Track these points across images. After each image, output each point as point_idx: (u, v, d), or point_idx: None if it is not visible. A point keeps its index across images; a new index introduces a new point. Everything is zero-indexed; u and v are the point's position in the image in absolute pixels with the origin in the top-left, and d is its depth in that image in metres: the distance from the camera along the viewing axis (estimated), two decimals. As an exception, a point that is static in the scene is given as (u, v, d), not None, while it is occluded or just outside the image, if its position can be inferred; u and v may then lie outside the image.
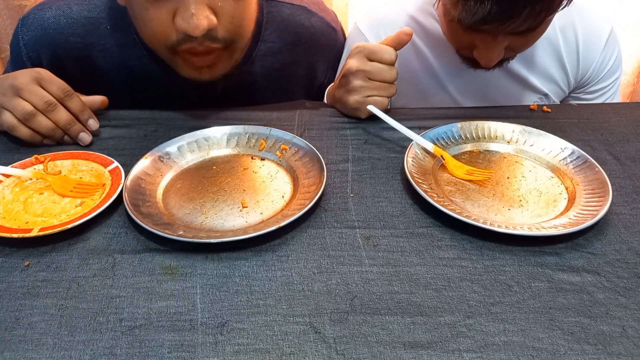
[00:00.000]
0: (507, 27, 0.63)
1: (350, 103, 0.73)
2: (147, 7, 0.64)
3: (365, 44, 0.72)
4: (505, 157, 0.67)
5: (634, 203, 0.58)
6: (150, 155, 0.63)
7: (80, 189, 0.59)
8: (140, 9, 0.65)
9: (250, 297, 0.46)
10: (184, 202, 0.58)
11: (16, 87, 0.65)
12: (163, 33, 0.66)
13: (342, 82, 0.75)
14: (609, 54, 0.87)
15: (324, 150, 0.67)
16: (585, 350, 0.42)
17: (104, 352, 0.41)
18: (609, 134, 0.72)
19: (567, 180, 0.61)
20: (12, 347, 0.42)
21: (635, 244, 0.53)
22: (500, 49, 0.70)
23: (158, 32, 0.66)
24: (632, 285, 0.48)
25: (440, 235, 0.53)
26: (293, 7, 0.85)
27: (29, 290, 0.47)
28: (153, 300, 0.46)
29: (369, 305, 0.45)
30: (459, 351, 0.41)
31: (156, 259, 0.50)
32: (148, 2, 0.63)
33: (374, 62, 0.71)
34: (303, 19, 0.86)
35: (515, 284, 0.48)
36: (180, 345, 0.42)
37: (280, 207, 0.57)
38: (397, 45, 0.71)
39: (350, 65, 0.72)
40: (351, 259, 0.50)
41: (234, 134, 0.68)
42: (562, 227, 0.52)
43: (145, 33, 0.69)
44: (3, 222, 0.54)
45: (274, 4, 0.83)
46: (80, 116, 0.69)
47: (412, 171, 0.60)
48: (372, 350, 0.41)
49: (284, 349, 0.42)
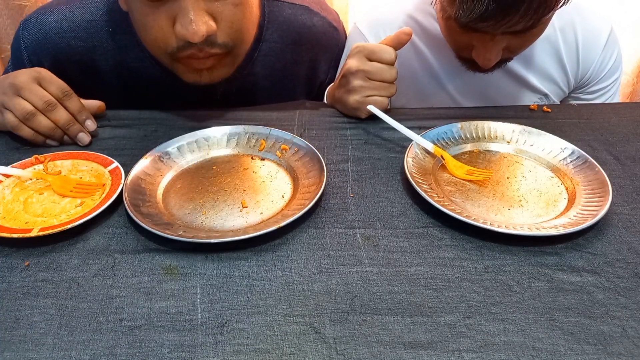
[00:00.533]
0: (505, 25, 0.63)
1: (350, 103, 0.73)
2: (147, 13, 0.64)
3: (365, 44, 0.72)
4: (505, 157, 0.67)
5: (634, 203, 0.58)
6: (150, 155, 0.63)
7: (80, 189, 0.59)
8: (140, 16, 0.66)
9: (250, 297, 0.46)
10: (184, 202, 0.58)
11: (16, 86, 0.65)
12: (163, 39, 0.66)
13: (341, 82, 0.75)
14: (609, 54, 0.87)
15: (324, 150, 0.67)
16: (585, 350, 0.42)
17: (104, 352, 0.41)
18: (609, 134, 0.72)
19: (567, 180, 0.61)
20: (12, 347, 0.42)
21: (635, 244, 0.53)
22: (498, 50, 0.70)
23: (158, 38, 0.66)
24: (632, 285, 0.48)
25: (440, 235, 0.53)
26: (294, 6, 0.85)
27: (29, 290, 0.47)
28: (153, 300, 0.46)
29: (369, 305, 0.45)
30: (459, 351, 0.41)
31: (156, 259, 0.50)
32: (148, 7, 0.64)
33: (374, 62, 0.71)
34: (305, 19, 0.86)
35: (515, 284, 0.48)
36: (180, 345, 0.42)
37: (280, 207, 0.57)
38: (396, 45, 0.71)
39: (350, 65, 0.72)
40: (351, 259, 0.50)
41: (234, 134, 0.68)
42: (562, 227, 0.52)
43: (145, 39, 0.70)
44: (3, 222, 0.54)
45: (276, 4, 0.83)
46: (78, 116, 0.69)
47: (412, 171, 0.60)
48: (372, 350, 0.41)
49: (284, 349, 0.42)
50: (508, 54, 0.73)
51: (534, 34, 0.70)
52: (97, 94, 0.76)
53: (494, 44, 0.69)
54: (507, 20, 0.62)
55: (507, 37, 0.68)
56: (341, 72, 0.76)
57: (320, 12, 0.88)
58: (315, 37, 0.87)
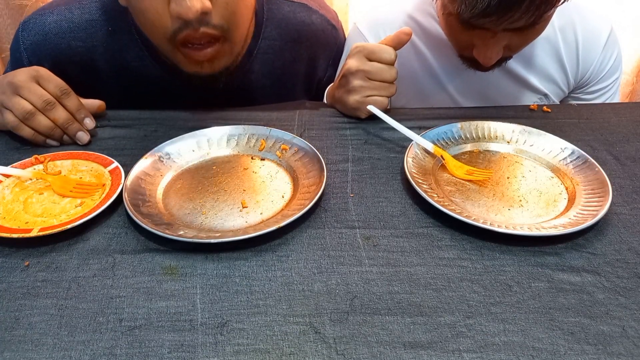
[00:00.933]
0: (507, 21, 0.63)
1: (350, 103, 0.73)
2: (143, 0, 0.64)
3: (365, 44, 0.72)
4: (505, 157, 0.67)
5: (634, 203, 0.58)
6: (150, 155, 0.63)
7: (80, 189, 0.59)
8: (136, 2, 0.66)
9: (250, 297, 0.46)
10: (184, 202, 0.58)
11: (15, 85, 0.65)
12: (160, 22, 0.66)
13: (341, 82, 0.75)
14: (609, 54, 0.87)
15: (324, 150, 0.67)
16: (585, 350, 0.42)
17: (104, 352, 0.41)
18: (609, 134, 0.72)
19: (567, 180, 0.61)
20: (12, 347, 0.42)
21: (635, 244, 0.53)
22: (499, 48, 0.70)
23: (155, 22, 0.66)
24: (632, 285, 0.48)
25: (440, 235, 0.53)
26: (293, 4, 0.85)
27: (29, 290, 0.47)
28: (153, 300, 0.46)
29: (369, 305, 0.45)
30: (459, 351, 0.41)
31: (156, 259, 0.50)
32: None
33: (374, 61, 0.71)
34: (304, 16, 0.86)
35: (515, 284, 0.48)
36: (180, 345, 0.42)
37: (280, 207, 0.57)
38: (396, 45, 0.71)
39: (349, 65, 0.72)
40: (351, 259, 0.50)
41: (234, 134, 0.68)
42: (562, 227, 0.52)
43: (144, 26, 0.69)
44: (3, 222, 0.54)
45: (275, 2, 0.83)
46: (77, 115, 0.69)
47: (412, 171, 0.60)
48: (372, 350, 0.41)
49: (284, 349, 0.42)
50: (508, 52, 0.73)
51: (534, 31, 0.69)
52: (97, 93, 0.76)
53: (495, 41, 0.69)
54: (509, 17, 0.62)
55: (508, 35, 0.68)
56: (341, 72, 0.76)
57: (319, 10, 0.88)
58: (314, 34, 0.87)
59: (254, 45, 0.82)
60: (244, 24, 0.73)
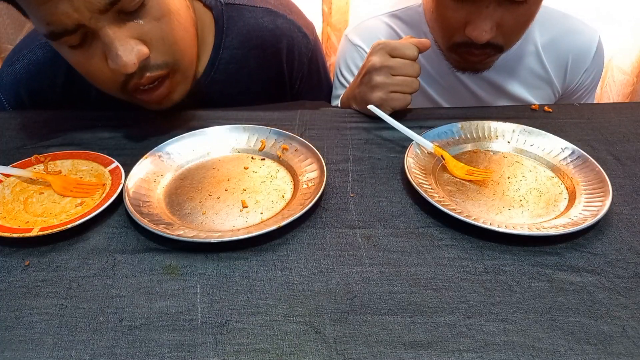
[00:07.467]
0: None
1: (373, 100, 0.72)
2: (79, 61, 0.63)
3: (387, 41, 0.72)
4: (505, 157, 0.67)
5: (634, 203, 0.58)
6: (151, 155, 0.63)
7: (80, 188, 0.59)
8: (77, 65, 0.64)
9: (250, 297, 0.46)
10: (184, 201, 0.58)
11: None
12: (106, 78, 0.64)
13: (363, 79, 0.74)
14: (595, 67, 0.90)
15: (324, 150, 0.67)
16: (585, 350, 0.42)
17: (104, 351, 0.41)
18: (610, 133, 0.72)
19: (567, 180, 0.61)
20: (12, 347, 0.42)
21: (635, 244, 0.53)
22: (492, 22, 0.70)
23: (101, 79, 0.64)
24: (632, 285, 0.48)
25: (440, 235, 0.53)
26: (255, 9, 0.81)
27: (29, 290, 0.47)
28: (153, 300, 0.46)
29: (369, 305, 0.45)
30: (459, 351, 0.41)
31: (156, 259, 0.50)
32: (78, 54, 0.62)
33: (397, 57, 0.71)
34: (266, 21, 0.82)
35: (515, 284, 0.48)
36: (180, 345, 0.42)
37: (280, 207, 0.57)
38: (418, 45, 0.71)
39: (373, 62, 0.71)
40: (351, 259, 0.50)
41: (234, 134, 0.68)
42: (562, 227, 0.52)
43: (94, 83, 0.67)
44: (3, 222, 0.54)
45: (235, 8, 0.80)
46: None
47: (412, 171, 0.60)
48: (372, 350, 0.41)
49: (284, 349, 0.42)
50: (501, 36, 0.73)
51: (527, 8, 0.70)
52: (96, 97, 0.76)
53: (488, 12, 0.69)
54: None
55: (502, 9, 0.68)
56: (363, 70, 0.75)
57: (287, 15, 0.84)
58: (279, 39, 0.83)
59: (215, 56, 0.79)
60: (189, 47, 0.70)
